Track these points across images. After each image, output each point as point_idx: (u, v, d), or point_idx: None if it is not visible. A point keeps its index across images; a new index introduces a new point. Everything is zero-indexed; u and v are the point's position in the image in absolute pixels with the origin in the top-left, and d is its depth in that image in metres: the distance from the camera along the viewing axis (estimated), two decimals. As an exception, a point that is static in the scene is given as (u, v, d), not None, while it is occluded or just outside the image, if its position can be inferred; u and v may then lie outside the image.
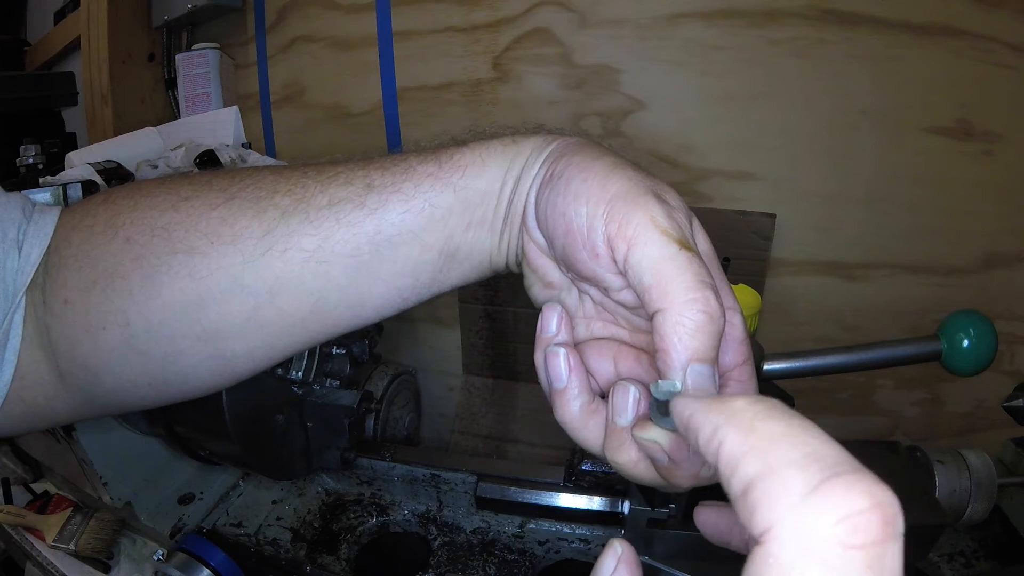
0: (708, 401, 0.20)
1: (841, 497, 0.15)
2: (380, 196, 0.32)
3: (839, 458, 0.16)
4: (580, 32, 0.98)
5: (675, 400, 0.22)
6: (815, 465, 0.16)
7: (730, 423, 0.18)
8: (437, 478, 0.80)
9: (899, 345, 0.58)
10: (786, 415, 0.18)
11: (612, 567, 0.22)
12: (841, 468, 0.16)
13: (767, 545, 0.15)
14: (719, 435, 0.18)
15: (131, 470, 0.73)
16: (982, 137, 0.85)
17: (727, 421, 0.18)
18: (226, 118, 1.08)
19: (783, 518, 0.15)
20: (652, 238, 0.26)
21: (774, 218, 0.94)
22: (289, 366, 0.71)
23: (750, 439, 0.17)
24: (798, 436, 0.17)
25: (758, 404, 0.18)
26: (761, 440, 0.17)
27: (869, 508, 0.15)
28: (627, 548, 0.23)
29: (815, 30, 0.87)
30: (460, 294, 1.13)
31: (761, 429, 0.17)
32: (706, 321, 0.24)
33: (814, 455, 0.16)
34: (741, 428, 0.18)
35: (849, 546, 0.15)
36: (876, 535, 0.15)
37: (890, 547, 0.15)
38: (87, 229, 0.35)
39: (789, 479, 0.16)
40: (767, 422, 0.17)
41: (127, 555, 0.76)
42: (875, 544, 0.15)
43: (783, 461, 0.16)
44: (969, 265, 0.90)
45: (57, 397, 0.37)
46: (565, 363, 0.29)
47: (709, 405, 0.19)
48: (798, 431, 0.17)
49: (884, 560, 0.15)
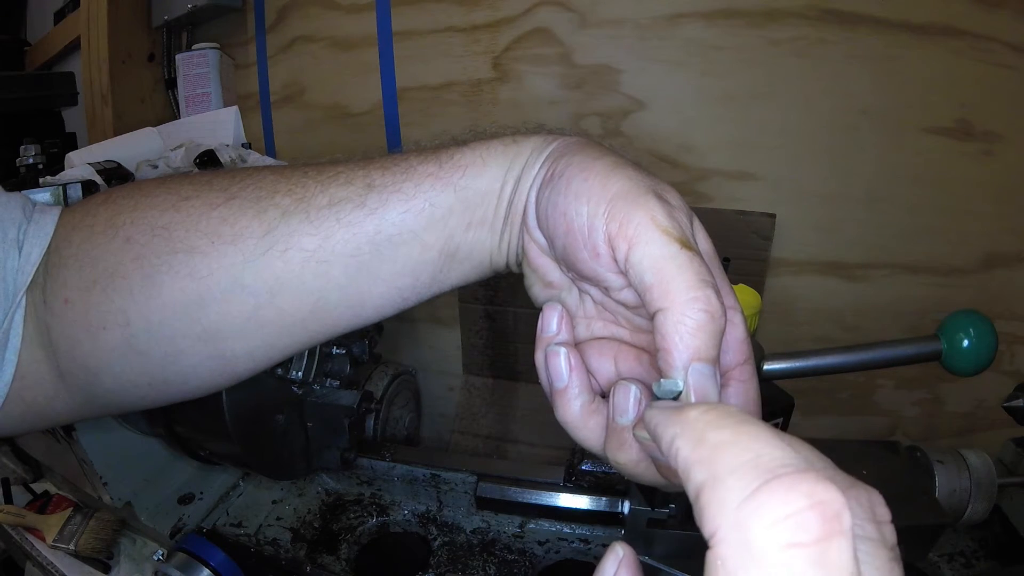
0: (669, 411, 0.20)
1: (779, 499, 0.15)
2: (380, 196, 0.32)
3: (783, 460, 0.16)
4: (580, 32, 0.98)
5: (645, 411, 0.22)
6: (755, 471, 0.16)
7: (683, 433, 0.19)
8: (437, 478, 0.80)
9: (899, 345, 0.58)
10: (736, 422, 0.18)
11: (613, 570, 0.22)
12: (782, 470, 0.16)
13: (714, 549, 0.16)
14: (676, 444, 0.19)
15: (131, 470, 0.73)
16: (982, 137, 0.85)
17: (681, 431, 0.19)
18: (226, 118, 1.08)
19: (723, 523, 0.16)
20: (653, 237, 0.26)
21: (774, 218, 0.94)
22: (289, 366, 0.71)
23: (698, 449, 0.18)
24: (743, 443, 0.17)
25: (710, 412, 0.19)
26: (707, 449, 0.18)
27: (807, 507, 0.15)
28: (628, 551, 0.23)
29: (815, 30, 0.87)
30: (460, 294, 1.13)
31: (709, 438, 0.18)
32: (707, 320, 0.24)
33: (755, 461, 0.17)
34: (691, 438, 0.18)
35: (788, 545, 0.15)
36: (817, 532, 0.15)
37: (835, 543, 0.15)
38: (87, 229, 0.35)
39: (729, 485, 0.16)
40: (715, 431, 0.18)
41: (127, 555, 0.76)
42: (817, 541, 0.15)
43: (725, 468, 0.17)
44: (969, 265, 0.91)
45: (57, 397, 0.37)
46: (566, 362, 0.29)
47: (668, 415, 0.20)
48: (744, 438, 0.17)
49: (829, 556, 0.15)
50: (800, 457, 0.17)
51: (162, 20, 1.20)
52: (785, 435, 0.18)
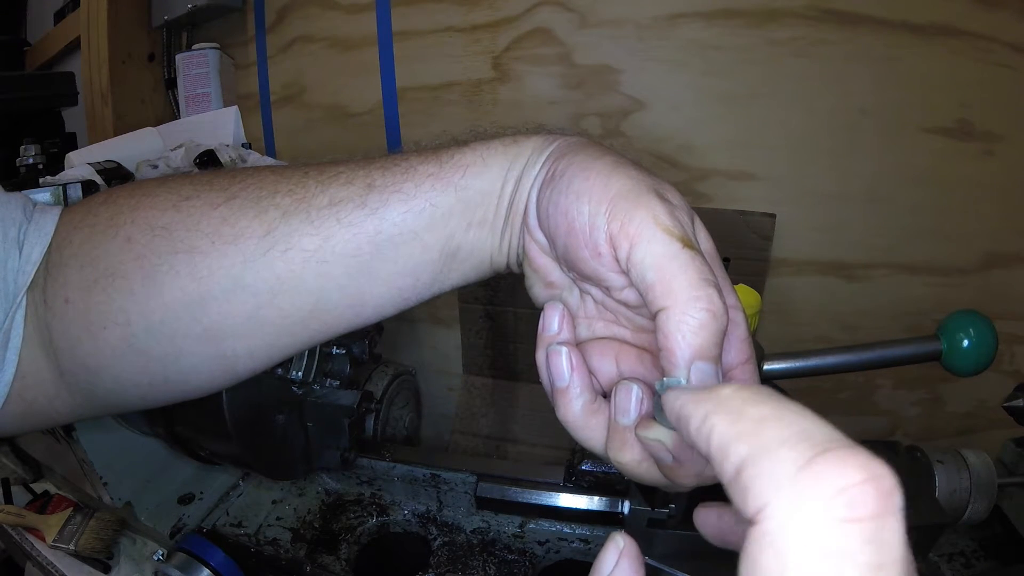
0: (697, 390, 0.20)
1: (835, 471, 0.15)
2: (381, 196, 0.32)
3: (831, 435, 0.16)
4: (580, 32, 0.98)
5: (666, 393, 0.22)
6: (805, 443, 0.16)
7: (719, 409, 0.18)
8: (437, 478, 0.80)
9: (899, 345, 0.58)
10: (774, 398, 0.18)
11: (614, 561, 0.22)
12: (832, 444, 0.15)
13: (763, 524, 0.15)
14: (709, 422, 0.18)
15: (131, 470, 0.73)
16: (982, 137, 0.85)
17: (716, 408, 0.18)
18: (226, 118, 1.08)
19: (776, 495, 0.15)
20: (655, 236, 0.26)
21: (774, 218, 0.94)
22: (289, 366, 0.71)
23: (739, 423, 0.17)
24: (787, 417, 0.17)
25: (745, 390, 0.18)
26: (750, 423, 0.17)
27: (863, 480, 0.15)
28: (629, 541, 0.22)
29: (815, 30, 0.87)
30: (460, 294, 1.13)
31: (750, 413, 0.17)
32: (709, 319, 0.24)
33: (804, 433, 0.16)
34: (730, 413, 0.18)
35: (845, 519, 0.14)
36: (872, 508, 0.15)
37: (889, 521, 0.15)
38: (88, 228, 0.35)
39: (780, 457, 0.16)
40: (755, 406, 0.17)
41: (127, 555, 0.76)
42: (872, 517, 0.14)
43: (773, 440, 0.16)
44: (969, 265, 0.91)
45: (58, 396, 0.37)
46: (567, 362, 0.29)
47: (698, 394, 0.19)
48: (787, 413, 0.17)
49: (883, 534, 0.14)
50: (843, 434, 0.16)
51: (162, 20, 1.20)
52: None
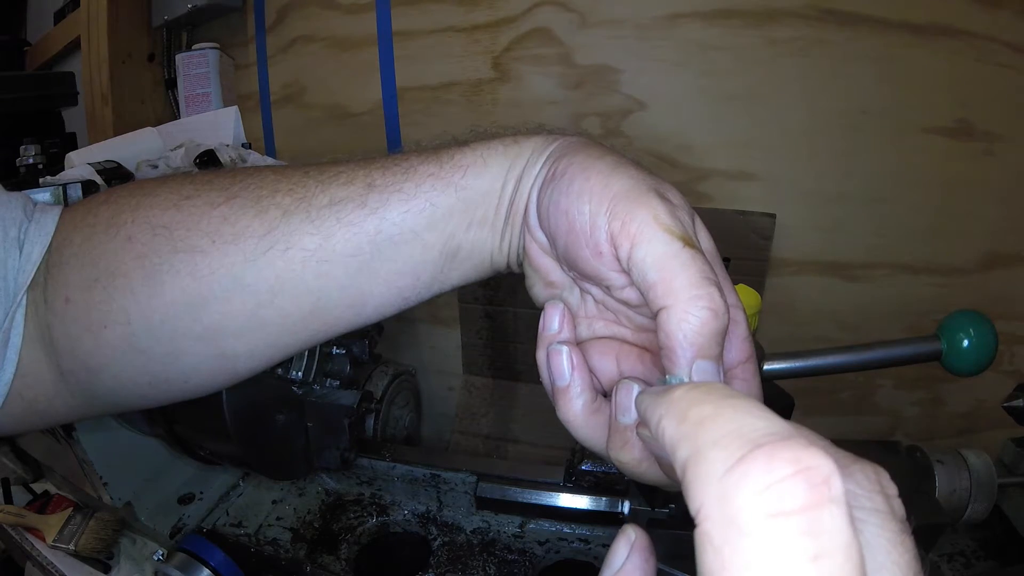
0: (656, 394, 0.20)
1: (761, 468, 0.15)
2: (381, 196, 0.32)
3: (768, 430, 0.16)
4: (580, 32, 0.98)
5: (637, 396, 0.22)
6: (737, 442, 0.16)
7: (668, 412, 0.18)
8: (437, 478, 0.80)
9: (899, 345, 0.58)
10: (719, 397, 0.18)
11: (624, 554, 0.22)
12: (766, 439, 0.15)
13: (700, 525, 0.15)
14: (661, 425, 0.19)
15: (131, 470, 0.73)
16: (982, 137, 0.85)
17: (666, 411, 0.19)
18: (226, 118, 1.08)
19: (707, 496, 0.15)
20: (655, 235, 0.26)
21: (774, 218, 0.94)
22: (289, 366, 0.71)
23: (682, 426, 0.18)
24: (725, 416, 0.17)
25: (694, 391, 0.19)
26: (690, 425, 0.17)
27: (792, 474, 0.15)
28: (640, 534, 0.22)
29: (815, 30, 0.87)
30: (460, 294, 1.13)
31: (691, 414, 0.18)
32: (711, 318, 0.24)
33: (737, 432, 0.16)
34: (675, 416, 0.18)
35: (774, 514, 0.14)
36: (803, 500, 0.14)
37: (826, 510, 0.14)
38: (88, 228, 0.35)
39: (710, 458, 0.16)
40: (698, 407, 0.18)
41: (127, 555, 0.76)
42: (805, 509, 0.14)
43: (706, 442, 0.16)
44: (969, 265, 0.91)
45: (58, 396, 0.37)
46: (568, 361, 0.29)
47: (655, 397, 0.20)
48: (727, 411, 0.17)
49: (821, 524, 0.14)
50: (786, 426, 0.16)
51: (162, 20, 1.21)
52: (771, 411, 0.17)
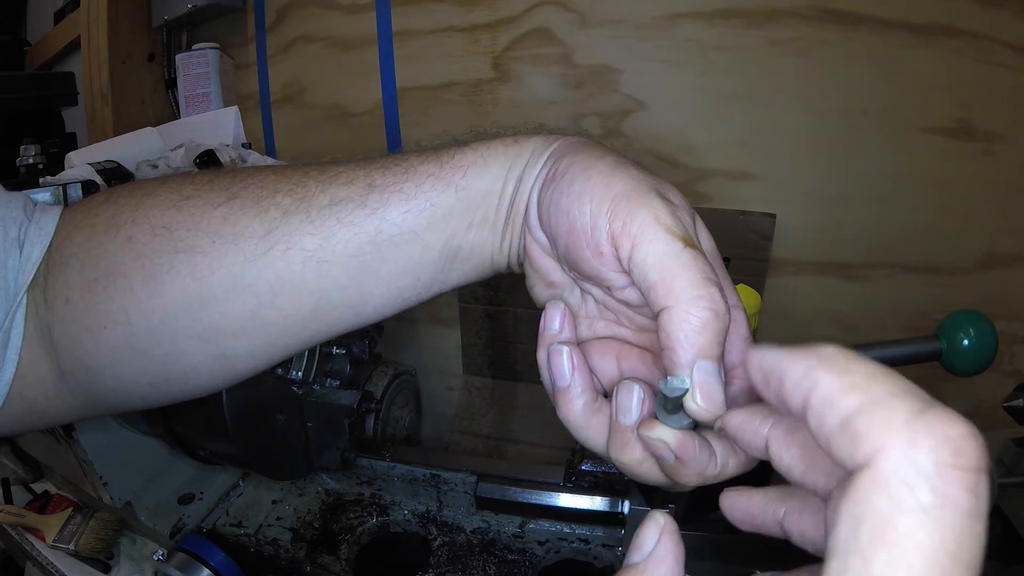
0: (789, 350, 0.20)
1: (944, 422, 0.16)
2: (381, 196, 0.32)
3: (928, 398, 0.17)
4: (580, 32, 0.98)
5: (754, 351, 0.21)
6: (915, 397, 0.17)
7: (824, 365, 0.19)
8: (437, 478, 0.79)
9: (899, 345, 0.58)
10: (871, 361, 0.19)
11: (655, 539, 0.22)
12: (935, 402, 0.17)
13: (875, 467, 0.17)
14: (813, 375, 0.19)
15: (131, 470, 0.72)
16: (982, 137, 0.85)
17: (820, 363, 0.19)
18: (226, 118, 1.08)
19: (892, 439, 0.16)
20: (656, 236, 0.26)
21: (774, 218, 0.94)
22: (289, 366, 0.71)
23: (848, 377, 0.18)
24: (891, 375, 0.18)
25: (844, 351, 0.19)
26: (860, 377, 0.18)
27: (969, 434, 0.16)
28: (669, 520, 0.22)
29: (815, 30, 0.87)
30: (460, 294, 1.13)
31: (857, 368, 0.18)
32: (712, 318, 0.24)
33: (911, 390, 0.17)
34: (837, 368, 0.19)
35: (952, 466, 0.16)
36: (974, 459, 0.16)
37: (984, 475, 0.16)
38: (89, 228, 0.35)
39: (895, 407, 0.17)
40: (860, 363, 0.19)
41: (127, 555, 0.76)
42: (974, 468, 0.16)
43: (885, 392, 0.17)
44: (969, 265, 0.91)
45: (58, 396, 0.37)
46: (568, 361, 0.29)
47: (795, 351, 0.20)
48: (887, 374, 0.18)
49: (980, 487, 0.16)
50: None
51: (162, 20, 1.20)
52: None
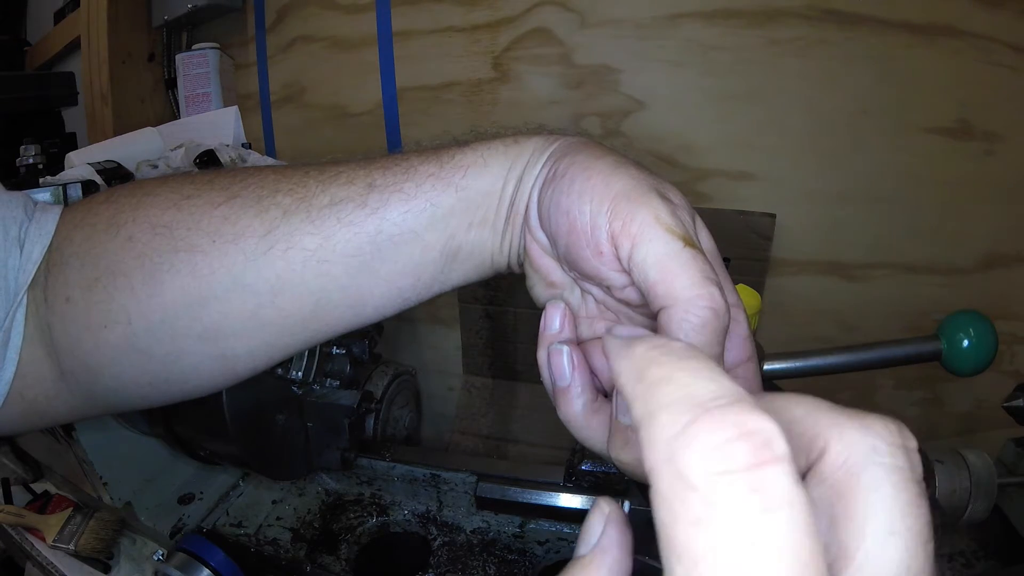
0: (621, 343, 0.20)
1: (707, 431, 0.15)
2: (382, 196, 0.32)
3: (716, 393, 0.16)
4: (580, 32, 0.98)
5: (603, 338, 0.21)
6: (686, 406, 0.16)
7: (627, 369, 0.18)
8: (437, 478, 0.80)
9: (899, 345, 0.58)
10: (677, 358, 0.18)
11: (600, 528, 0.21)
12: (714, 403, 0.16)
13: (653, 485, 0.16)
14: (620, 380, 0.19)
15: (131, 470, 0.72)
16: (982, 137, 0.85)
17: (625, 368, 0.19)
18: (226, 118, 1.08)
19: (656, 458, 0.16)
20: (656, 235, 0.26)
21: (774, 218, 0.94)
22: (289, 366, 0.71)
23: (638, 386, 0.18)
24: (679, 379, 0.17)
25: (654, 349, 0.18)
26: (645, 386, 0.17)
27: (736, 437, 0.15)
28: (614, 507, 0.22)
29: (815, 30, 0.87)
30: (460, 294, 1.13)
31: (648, 375, 0.18)
32: (712, 317, 0.24)
33: (688, 396, 0.16)
34: (633, 374, 0.18)
35: (719, 472, 0.15)
36: (747, 460, 0.15)
37: (770, 470, 0.15)
38: (89, 227, 0.35)
39: (662, 422, 0.16)
40: (655, 367, 0.18)
41: (127, 555, 0.76)
42: (749, 468, 0.15)
43: (659, 406, 0.17)
44: (969, 265, 0.91)
45: (58, 396, 0.37)
46: (568, 361, 0.29)
47: (619, 347, 0.19)
48: (681, 374, 0.17)
49: (765, 482, 0.15)
50: (735, 390, 0.17)
51: (162, 20, 1.20)
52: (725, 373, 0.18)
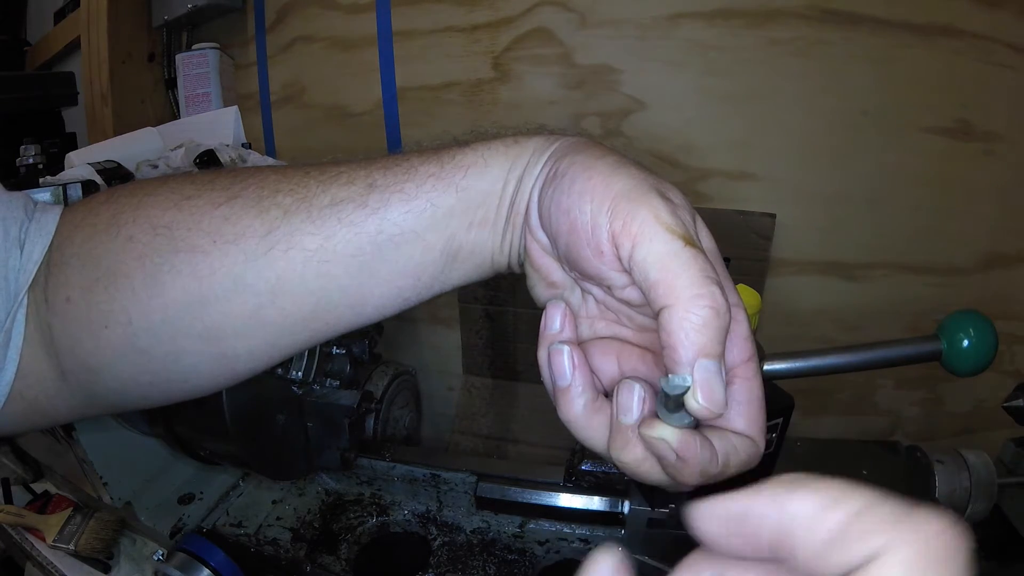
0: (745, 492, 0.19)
1: (930, 520, 0.16)
2: (382, 196, 0.32)
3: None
4: (580, 32, 0.98)
5: (700, 505, 0.19)
6: (891, 503, 0.16)
7: (794, 490, 0.18)
8: (437, 478, 0.80)
9: (899, 345, 0.58)
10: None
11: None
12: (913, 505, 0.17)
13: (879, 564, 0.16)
14: (783, 505, 0.18)
15: (131, 470, 0.73)
16: (982, 137, 0.85)
17: (789, 490, 0.18)
18: (226, 118, 1.08)
19: (890, 536, 0.16)
20: (657, 235, 0.26)
21: (774, 218, 0.94)
22: (289, 366, 0.71)
23: (822, 494, 0.17)
24: (858, 489, 0.17)
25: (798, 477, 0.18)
26: (836, 493, 0.17)
27: (953, 526, 0.16)
28: (616, 557, 0.19)
29: (815, 30, 0.87)
30: (460, 294, 1.13)
31: (825, 486, 0.17)
32: (712, 316, 0.24)
33: (884, 497, 0.17)
34: (809, 488, 0.18)
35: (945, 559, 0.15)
36: (963, 550, 0.15)
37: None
38: (89, 227, 0.35)
39: (882, 513, 0.16)
40: (825, 482, 0.18)
41: (127, 555, 0.76)
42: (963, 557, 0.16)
43: (864, 504, 0.17)
44: (969, 265, 0.91)
45: (59, 396, 0.37)
46: (569, 360, 0.29)
47: (750, 491, 0.19)
48: (855, 486, 0.17)
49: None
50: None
51: (162, 20, 1.20)
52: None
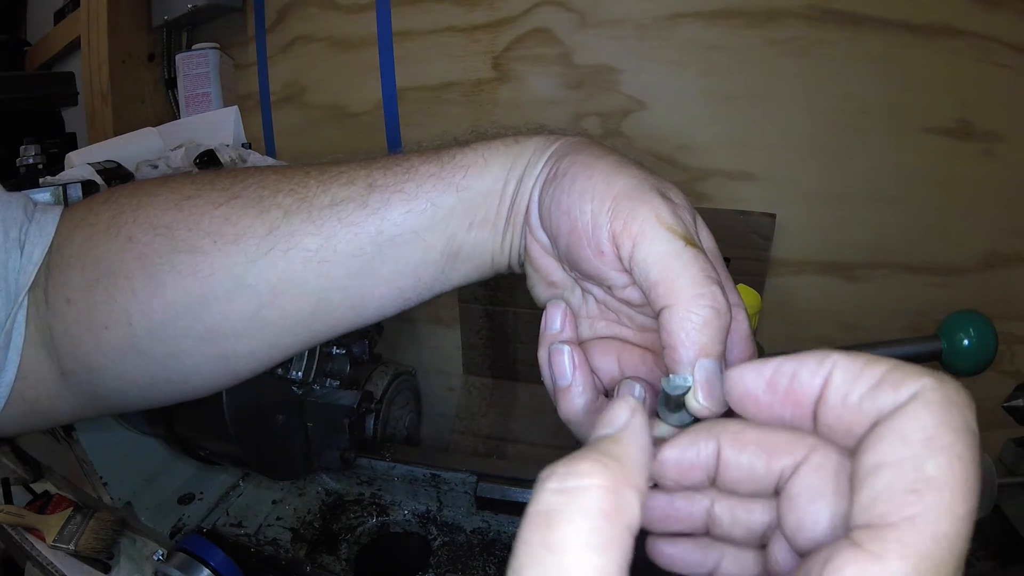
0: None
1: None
2: (382, 196, 0.32)
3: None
4: (580, 32, 0.98)
5: (748, 365, 0.22)
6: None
7: (837, 353, 0.20)
8: (437, 478, 0.79)
9: (899, 345, 0.58)
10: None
11: (626, 415, 0.20)
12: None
13: (921, 396, 0.18)
14: (829, 361, 0.20)
15: (131, 470, 0.73)
16: (982, 137, 0.85)
17: (832, 353, 0.20)
18: (226, 118, 1.08)
19: (925, 380, 0.18)
20: (657, 234, 0.26)
21: (774, 218, 0.94)
22: (289, 366, 0.71)
23: (861, 357, 0.20)
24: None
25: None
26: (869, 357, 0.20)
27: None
28: (638, 401, 0.21)
29: (815, 30, 0.87)
30: (460, 294, 1.13)
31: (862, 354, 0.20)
32: (713, 316, 0.24)
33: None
34: (848, 353, 0.20)
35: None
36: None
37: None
38: (89, 228, 0.35)
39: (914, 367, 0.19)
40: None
41: (127, 555, 0.76)
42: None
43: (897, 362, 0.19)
44: (969, 265, 0.91)
45: (59, 396, 0.37)
46: (569, 360, 0.29)
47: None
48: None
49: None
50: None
51: (162, 20, 1.20)
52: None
